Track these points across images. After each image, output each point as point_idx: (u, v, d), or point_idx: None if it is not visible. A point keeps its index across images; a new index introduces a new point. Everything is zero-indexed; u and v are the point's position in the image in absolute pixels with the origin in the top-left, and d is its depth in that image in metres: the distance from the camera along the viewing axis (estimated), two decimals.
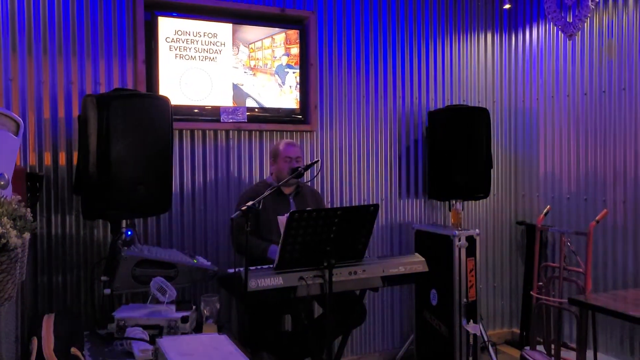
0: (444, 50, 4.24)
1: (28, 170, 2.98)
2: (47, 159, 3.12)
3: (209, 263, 2.92)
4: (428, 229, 3.90)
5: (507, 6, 4.30)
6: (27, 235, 1.57)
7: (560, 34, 3.99)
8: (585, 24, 3.78)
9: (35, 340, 2.01)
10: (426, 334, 3.88)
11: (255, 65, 3.65)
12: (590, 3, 3.64)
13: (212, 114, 3.51)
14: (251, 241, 3.06)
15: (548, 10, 3.93)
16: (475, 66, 4.36)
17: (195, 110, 3.48)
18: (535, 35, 4.27)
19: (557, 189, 4.10)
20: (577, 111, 3.95)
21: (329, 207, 3.76)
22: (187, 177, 3.47)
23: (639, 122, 3.54)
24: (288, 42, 3.74)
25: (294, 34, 3.75)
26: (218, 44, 3.53)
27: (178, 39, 3.41)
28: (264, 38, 3.67)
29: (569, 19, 3.85)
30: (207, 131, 3.52)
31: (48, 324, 2.22)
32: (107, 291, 2.67)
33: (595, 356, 3.29)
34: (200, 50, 3.48)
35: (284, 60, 3.74)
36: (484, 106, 4.22)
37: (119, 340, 2.35)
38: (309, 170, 3.23)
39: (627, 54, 3.60)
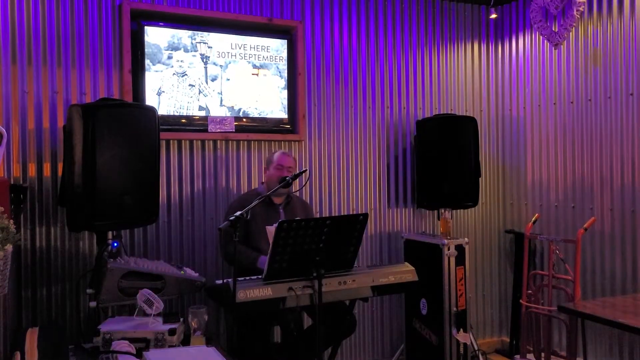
0: (431, 60, 4.26)
1: (12, 182, 2.94)
2: (32, 170, 3.08)
3: (197, 274, 2.89)
4: (417, 238, 3.89)
5: (493, 16, 4.34)
6: (9, 247, 1.53)
7: (546, 43, 4.03)
8: (571, 33, 3.83)
9: (17, 355, 1.96)
10: (416, 344, 3.86)
11: None
12: (575, 12, 3.68)
13: (200, 124, 3.49)
14: (241, 251, 3.04)
15: (534, 19, 3.97)
16: (463, 75, 4.39)
17: (183, 120, 3.46)
18: (522, 44, 4.30)
19: (545, 197, 4.12)
20: (563, 119, 3.98)
21: (318, 217, 3.74)
22: (175, 187, 3.44)
23: (624, 130, 3.58)
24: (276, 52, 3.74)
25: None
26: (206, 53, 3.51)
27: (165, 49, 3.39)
28: None
29: (555, 28, 3.89)
30: (195, 141, 3.49)
31: (32, 337, 2.18)
32: (93, 304, 2.62)
33: None
34: (187, 60, 3.46)
35: None
36: (472, 115, 4.24)
37: (104, 354, 2.30)
38: (298, 180, 3.21)
39: (612, 63, 3.64)
